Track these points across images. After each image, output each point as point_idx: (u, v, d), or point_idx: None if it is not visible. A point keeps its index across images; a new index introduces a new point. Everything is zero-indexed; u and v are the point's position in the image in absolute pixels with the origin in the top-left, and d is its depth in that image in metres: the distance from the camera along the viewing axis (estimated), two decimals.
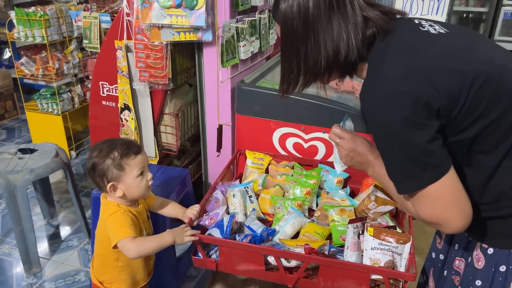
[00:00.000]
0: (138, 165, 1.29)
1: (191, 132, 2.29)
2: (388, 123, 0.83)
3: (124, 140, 1.33)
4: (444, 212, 0.84)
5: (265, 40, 2.16)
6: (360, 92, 0.88)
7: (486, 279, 0.92)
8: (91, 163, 1.28)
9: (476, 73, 0.81)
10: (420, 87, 0.80)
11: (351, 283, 1.20)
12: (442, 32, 0.90)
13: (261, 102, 1.76)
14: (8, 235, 2.35)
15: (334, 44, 0.88)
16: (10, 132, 3.76)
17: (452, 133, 0.85)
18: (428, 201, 0.85)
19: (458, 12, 4.41)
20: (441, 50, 0.85)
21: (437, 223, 0.86)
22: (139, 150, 1.31)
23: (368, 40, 0.90)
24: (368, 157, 1.07)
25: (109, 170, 1.26)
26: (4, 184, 1.91)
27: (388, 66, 0.84)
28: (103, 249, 1.34)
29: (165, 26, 1.77)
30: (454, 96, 0.81)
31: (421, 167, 0.82)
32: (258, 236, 1.30)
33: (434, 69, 0.81)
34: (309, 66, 0.92)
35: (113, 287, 1.38)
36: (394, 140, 0.84)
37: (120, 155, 1.26)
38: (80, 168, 3.14)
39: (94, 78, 2.15)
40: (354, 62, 0.91)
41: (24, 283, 2.02)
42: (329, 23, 0.88)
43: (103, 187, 1.29)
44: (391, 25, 0.90)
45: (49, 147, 2.17)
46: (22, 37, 2.95)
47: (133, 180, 1.28)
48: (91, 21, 2.27)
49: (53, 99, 3.09)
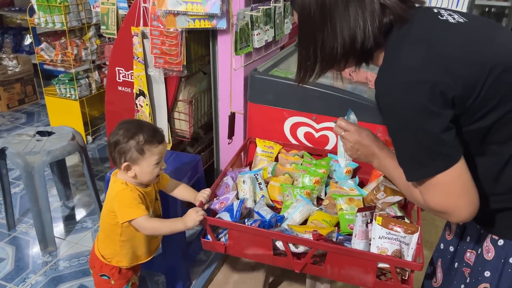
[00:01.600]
0: (158, 154, 1.32)
1: (204, 119, 2.32)
2: (402, 110, 0.82)
3: (151, 126, 1.36)
4: (453, 201, 0.84)
5: (280, 29, 2.15)
6: (376, 79, 0.88)
7: (495, 270, 0.92)
8: (115, 139, 1.30)
9: (494, 63, 0.80)
10: (437, 75, 0.79)
11: (358, 270, 1.21)
12: (461, 21, 0.88)
13: (274, 90, 1.77)
14: (26, 215, 2.43)
15: (350, 31, 0.88)
16: (29, 116, 3.85)
17: (466, 123, 0.85)
18: (437, 190, 0.84)
19: (480, 6, 4.31)
20: (460, 39, 0.84)
21: (444, 212, 0.86)
22: (162, 140, 1.34)
23: (385, 27, 0.89)
24: (374, 149, 1.08)
25: (130, 151, 1.29)
26: (23, 165, 1.97)
27: (405, 53, 0.84)
28: (108, 223, 1.38)
29: (180, 13, 1.78)
30: (470, 86, 0.80)
31: (432, 156, 0.82)
32: (267, 222, 1.32)
33: (452, 58, 0.81)
34: (325, 53, 0.92)
35: (113, 261, 1.42)
36: (408, 128, 0.83)
37: (144, 140, 1.29)
38: (96, 152, 3.20)
39: (110, 63, 2.19)
40: (370, 49, 0.91)
41: (39, 261, 2.09)
42: (346, 10, 0.88)
43: (118, 164, 1.33)
44: (409, 13, 0.89)
45: (66, 130, 2.22)
46: (42, 23, 3.01)
47: (149, 167, 1.32)
48: (108, 8, 2.30)
49: (71, 84, 3.15)
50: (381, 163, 1.07)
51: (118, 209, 1.31)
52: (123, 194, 1.31)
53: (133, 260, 1.44)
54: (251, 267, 2.02)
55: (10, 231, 2.29)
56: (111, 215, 1.34)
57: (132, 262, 1.44)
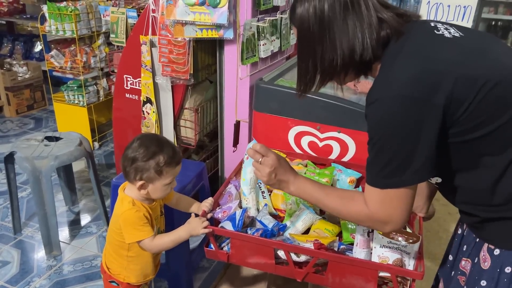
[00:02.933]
0: (174, 174, 1.32)
1: (209, 127, 2.34)
2: (390, 122, 0.85)
3: (170, 145, 1.33)
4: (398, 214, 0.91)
5: (286, 40, 2.19)
6: (370, 88, 0.90)
7: (491, 279, 0.92)
8: (134, 155, 1.27)
9: (486, 79, 0.82)
10: (427, 92, 0.82)
11: (359, 279, 1.21)
12: (456, 35, 0.91)
13: (279, 100, 1.79)
14: (32, 219, 2.46)
15: (349, 44, 0.91)
16: (38, 121, 3.91)
17: (457, 134, 0.87)
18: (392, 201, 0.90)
19: (487, 19, 4.33)
20: (452, 54, 0.86)
21: (385, 222, 0.93)
22: (180, 161, 1.33)
23: (383, 40, 0.92)
24: (290, 176, 1.10)
25: (149, 171, 1.27)
26: (30, 169, 2.00)
27: (397, 68, 0.86)
28: (114, 239, 1.37)
29: (188, 22, 1.82)
30: (460, 101, 0.83)
31: (406, 169, 0.86)
32: (269, 231, 1.33)
33: (443, 74, 0.83)
34: (325, 66, 0.95)
35: (121, 277, 1.41)
36: (389, 139, 0.86)
37: (165, 161, 1.27)
38: (102, 159, 3.24)
39: (119, 71, 2.23)
40: (369, 62, 0.93)
41: (44, 265, 2.11)
42: (345, 23, 0.90)
43: (132, 180, 1.30)
44: (406, 27, 0.92)
45: (74, 136, 2.26)
46: (53, 31, 3.08)
47: (163, 186, 1.30)
48: (118, 16, 2.35)
49: (80, 91, 3.20)
50: (299, 187, 1.09)
51: (124, 229, 1.30)
52: (129, 215, 1.29)
53: (141, 277, 1.43)
54: (253, 275, 2.02)
55: (16, 234, 2.32)
56: (118, 232, 1.34)
57: (139, 279, 1.42)
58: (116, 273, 1.41)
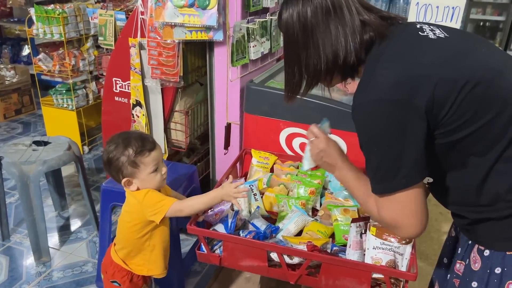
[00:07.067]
0: (152, 161, 1.31)
1: (200, 130, 2.33)
2: (372, 126, 0.86)
3: (138, 135, 1.34)
4: (404, 218, 0.89)
5: (276, 41, 2.18)
6: (354, 92, 0.91)
7: (482, 280, 0.92)
8: (107, 158, 1.31)
9: (466, 79, 0.83)
10: (407, 94, 0.83)
11: (353, 281, 1.21)
12: (441, 36, 0.91)
13: (269, 101, 1.78)
14: (20, 225, 2.41)
15: (332, 48, 0.92)
16: (26, 126, 3.85)
17: (442, 135, 0.87)
18: (392, 205, 0.90)
19: (475, 20, 4.38)
20: (434, 56, 0.87)
21: (395, 226, 0.92)
22: (153, 147, 1.33)
23: (366, 44, 0.93)
24: (337, 160, 1.11)
25: (124, 167, 1.29)
26: (18, 174, 1.97)
27: (379, 72, 0.87)
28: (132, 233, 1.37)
29: (177, 25, 1.80)
30: (441, 103, 0.84)
31: (394, 173, 0.86)
32: (261, 233, 1.32)
33: (423, 77, 0.84)
34: (310, 70, 0.97)
35: (144, 271, 1.42)
36: (375, 143, 0.88)
37: (134, 152, 1.28)
38: (92, 163, 3.20)
39: (107, 74, 2.20)
40: (353, 65, 0.95)
41: (33, 271, 2.07)
42: (327, 28, 0.92)
43: (118, 181, 1.34)
44: (390, 30, 0.92)
45: (62, 140, 2.23)
46: (40, 34, 3.04)
47: (148, 176, 1.31)
48: (106, 19, 2.32)
49: (68, 94, 3.16)
50: (341, 174, 1.10)
51: (151, 210, 1.31)
52: (150, 196, 1.32)
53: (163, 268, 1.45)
54: (246, 278, 2.01)
55: (4, 241, 2.27)
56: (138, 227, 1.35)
57: (161, 271, 1.45)
58: (139, 267, 1.42)
